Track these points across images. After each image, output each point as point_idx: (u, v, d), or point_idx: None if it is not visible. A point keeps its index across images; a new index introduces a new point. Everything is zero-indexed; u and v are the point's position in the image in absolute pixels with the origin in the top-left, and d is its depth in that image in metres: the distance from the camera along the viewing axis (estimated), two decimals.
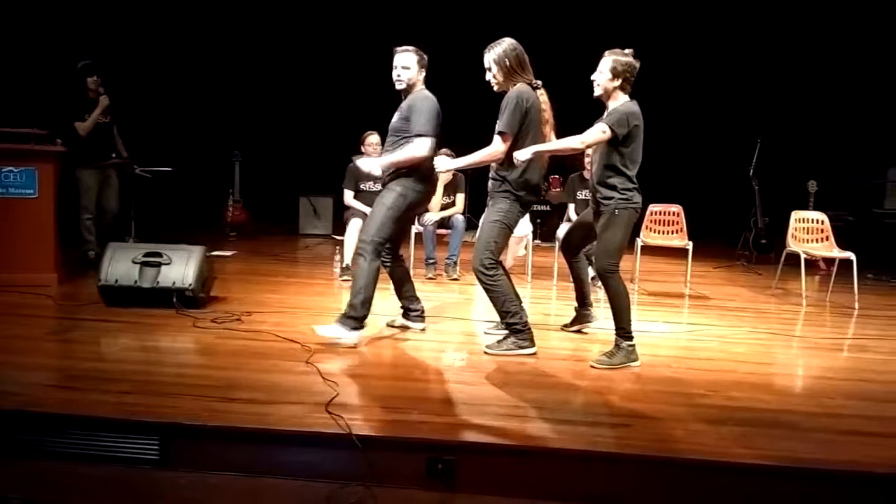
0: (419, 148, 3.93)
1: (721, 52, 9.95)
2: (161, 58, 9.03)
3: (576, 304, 4.56)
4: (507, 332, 4.04)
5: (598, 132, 3.72)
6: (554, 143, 3.87)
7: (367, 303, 3.98)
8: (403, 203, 4.00)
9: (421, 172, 4.03)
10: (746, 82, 10.15)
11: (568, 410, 3.18)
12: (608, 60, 3.79)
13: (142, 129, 7.03)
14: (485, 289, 3.99)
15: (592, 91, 3.87)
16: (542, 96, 3.95)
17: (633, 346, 3.90)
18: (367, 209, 6.24)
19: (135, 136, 6.80)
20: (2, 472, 2.71)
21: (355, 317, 3.96)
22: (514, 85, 3.87)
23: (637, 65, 3.79)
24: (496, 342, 4.02)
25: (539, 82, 3.92)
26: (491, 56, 3.89)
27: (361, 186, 6.30)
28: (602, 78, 3.80)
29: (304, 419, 2.89)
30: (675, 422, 3.07)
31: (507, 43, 3.89)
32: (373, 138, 6.38)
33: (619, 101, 3.80)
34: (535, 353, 3.97)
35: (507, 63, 3.86)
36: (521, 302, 4.04)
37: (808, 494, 2.67)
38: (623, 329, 3.90)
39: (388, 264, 4.31)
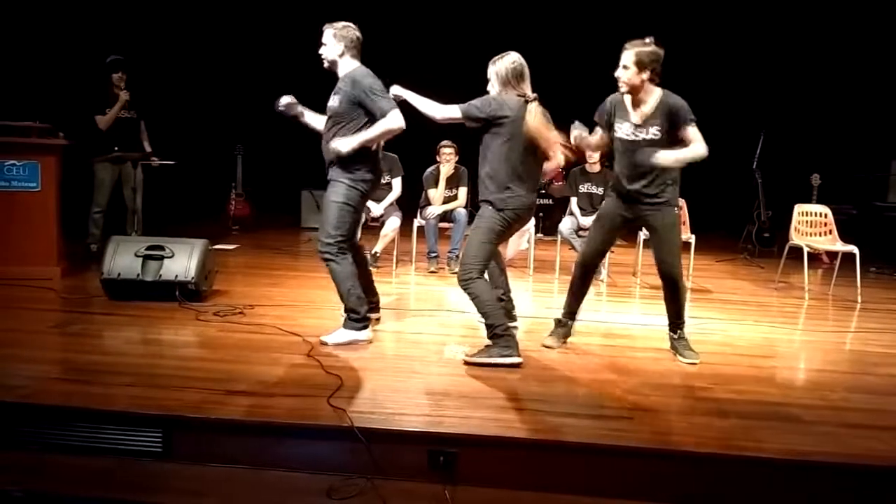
0: (395, 119, 3.76)
1: (724, 44, 9.91)
2: (164, 51, 9.02)
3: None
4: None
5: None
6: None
7: (361, 299, 3.96)
8: (356, 195, 3.92)
9: (368, 161, 3.94)
10: (750, 75, 10.11)
11: (570, 403, 3.18)
12: (630, 53, 3.61)
13: (144, 123, 7.02)
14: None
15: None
16: (532, 111, 3.71)
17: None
18: (369, 202, 6.24)
19: (137, 129, 6.80)
20: (4, 464, 2.71)
21: (358, 318, 3.95)
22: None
23: (662, 52, 3.64)
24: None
25: (533, 95, 3.73)
26: (492, 69, 3.77)
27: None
28: (627, 73, 3.63)
29: (306, 412, 2.90)
30: (677, 415, 3.08)
31: (508, 57, 3.75)
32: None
33: (654, 95, 3.70)
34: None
35: (503, 74, 3.72)
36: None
37: (809, 487, 2.67)
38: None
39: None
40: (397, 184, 6.41)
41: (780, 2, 9.73)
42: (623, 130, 3.79)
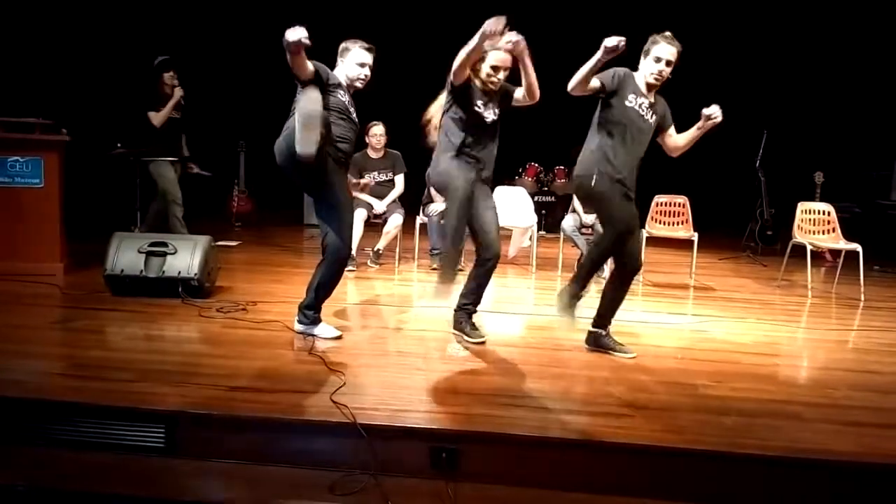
0: None
1: (727, 42, 9.89)
2: (166, 48, 9.01)
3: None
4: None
5: None
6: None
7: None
8: None
9: None
10: (753, 73, 10.09)
11: (572, 400, 3.18)
12: (675, 51, 3.58)
13: (147, 120, 7.00)
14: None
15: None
16: None
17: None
18: (372, 199, 6.24)
19: (140, 125, 6.80)
20: (7, 459, 2.72)
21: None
22: None
23: None
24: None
25: None
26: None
27: (367, 176, 6.29)
28: (669, 70, 3.62)
29: (308, 408, 2.90)
30: (678, 412, 3.07)
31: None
32: (377, 129, 6.36)
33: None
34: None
35: None
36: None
37: (812, 485, 2.67)
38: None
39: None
40: (400, 181, 6.41)
41: (783, 1, 9.70)
42: (639, 104, 3.67)
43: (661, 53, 3.59)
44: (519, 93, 3.90)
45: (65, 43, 7.91)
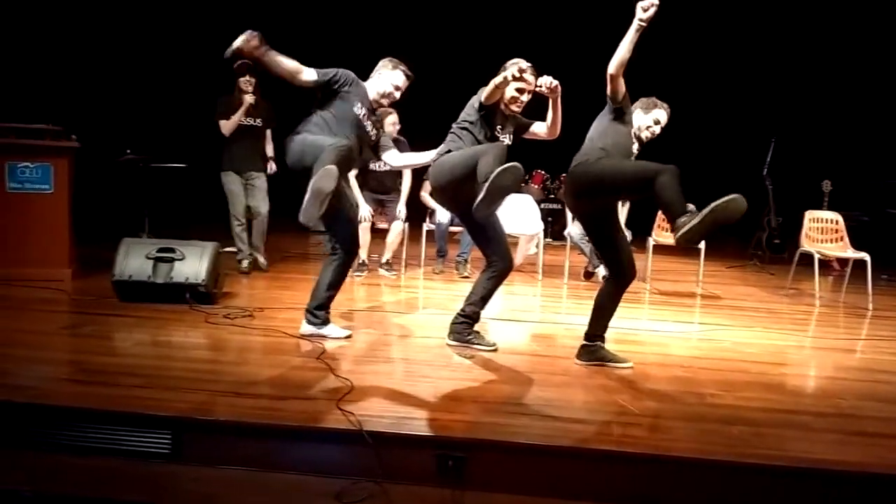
0: None
1: (734, 50, 9.89)
2: (173, 53, 9.07)
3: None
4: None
5: None
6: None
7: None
8: None
9: None
10: (760, 81, 10.09)
11: (579, 409, 3.17)
12: (667, 115, 3.85)
13: (156, 125, 7.06)
14: None
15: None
16: None
17: None
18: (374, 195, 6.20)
19: (149, 131, 6.84)
20: (14, 464, 2.73)
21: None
22: None
23: None
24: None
25: None
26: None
27: (371, 166, 6.15)
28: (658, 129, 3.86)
29: (315, 415, 2.90)
30: (685, 421, 3.06)
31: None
32: (391, 117, 6.17)
33: None
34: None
35: None
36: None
37: (819, 495, 2.65)
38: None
39: None
40: (407, 173, 6.27)
41: (791, 9, 9.70)
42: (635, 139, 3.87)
43: (661, 118, 3.84)
44: (539, 127, 4.04)
45: (74, 50, 7.97)
